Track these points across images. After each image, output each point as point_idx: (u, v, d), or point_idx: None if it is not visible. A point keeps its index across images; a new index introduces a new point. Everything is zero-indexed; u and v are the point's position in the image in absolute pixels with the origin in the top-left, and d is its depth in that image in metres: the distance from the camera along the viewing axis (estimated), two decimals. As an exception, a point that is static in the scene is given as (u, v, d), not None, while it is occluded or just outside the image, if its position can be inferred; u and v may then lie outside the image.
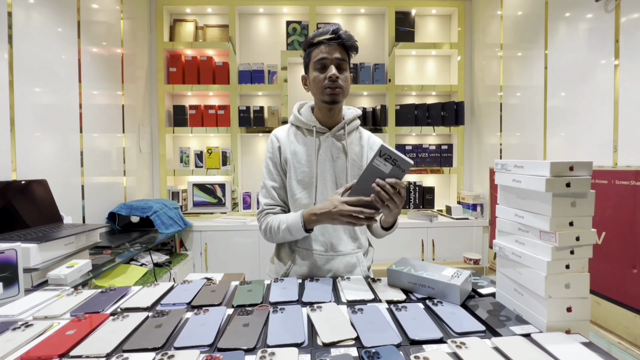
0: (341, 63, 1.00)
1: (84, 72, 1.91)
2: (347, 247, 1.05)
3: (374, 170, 0.83)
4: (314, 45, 1.01)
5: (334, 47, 0.99)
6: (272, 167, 1.08)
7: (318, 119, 1.07)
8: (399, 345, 0.66)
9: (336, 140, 1.06)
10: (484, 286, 0.95)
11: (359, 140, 1.10)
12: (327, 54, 0.98)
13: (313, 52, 1.01)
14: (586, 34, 1.66)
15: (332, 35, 0.98)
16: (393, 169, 0.83)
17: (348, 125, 1.06)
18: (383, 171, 0.83)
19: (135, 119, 2.51)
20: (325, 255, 1.03)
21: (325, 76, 0.99)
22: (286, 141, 1.08)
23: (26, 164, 1.51)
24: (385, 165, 0.83)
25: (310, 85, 1.05)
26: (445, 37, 2.97)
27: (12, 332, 0.72)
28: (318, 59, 0.99)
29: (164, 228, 2.15)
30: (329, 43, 0.98)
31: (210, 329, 0.72)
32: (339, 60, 0.99)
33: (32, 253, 1.10)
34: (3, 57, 1.42)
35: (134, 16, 2.50)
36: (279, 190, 1.08)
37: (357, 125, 1.11)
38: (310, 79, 1.04)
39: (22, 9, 1.51)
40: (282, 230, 1.00)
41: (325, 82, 0.99)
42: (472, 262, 2.40)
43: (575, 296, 0.70)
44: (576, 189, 0.68)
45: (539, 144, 1.99)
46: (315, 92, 1.04)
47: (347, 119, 1.07)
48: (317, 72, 1.01)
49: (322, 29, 1.00)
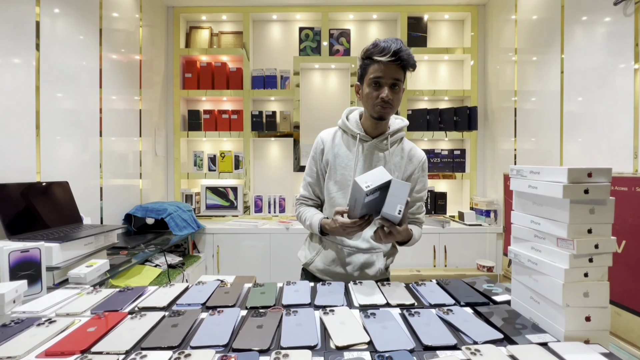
0: (396, 83, 0.99)
1: (105, 78, 1.99)
2: (366, 246, 1.11)
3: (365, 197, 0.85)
4: (372, 60, 1.00)
5: (392, 68, 0.98)
6: (312, 165, 1.18)
7: (364, 127, 1.10)
8: (412, 350, 0.65)
9: (378, 150, 1.10)
10: (498, 293, 0.94)
11: (401, 152, 1.12)
12: (383, 74, 0.98)
13: (370, 67, 1.01)
14: (604, 38, 1.63)
15: (392, 58, 0.96)
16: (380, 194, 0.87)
17: (392, 137, 1.10)
18: (374, 198, 0.87)
19: (152, 123, 2.58)
20: (348, 249, 1.11)
21: (378, 94, 1.00)
22: (330, 144, 1.14)
23: (49, 166, 1.57)
24: (375, 194, 0.86)
25: (362, 98, 1.06)
26: (458, 42, 2.96)
27: (37, 327, 0.75)
28: (374, 77, 0.99)
29: (177, 230, 2.19)
30: (387, 63, 0.97)
31: (225, 330, 0.73)
32: (394, 81, 0.99)
33: (54, 252, 1.14)
34: (31, 63, 1.49)
35: (152, 24, 2.58)
36: (314, 187, 1.18)
37: (401, 136, 1.13)
38: (364, 93, 1.05)
39: (49, 18, 1.59)
40: (306, 225, 1.14)
41: (377, 100, 1.00)
42: (486, 270, 2.35)
43: (595, 305, 0.69)
44: (595, 195, 0.67)
45: (555, 149, 1.95)
46: (366, 106, 1.06)
47: (392, 130, 1.10)
48: (370, 89, 1.01)
49: (384, 45, 0.97)
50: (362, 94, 1.06)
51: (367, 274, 1.11)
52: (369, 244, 1.11)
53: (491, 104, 2.73)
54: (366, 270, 1.11)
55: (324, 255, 1.13)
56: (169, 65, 2.82)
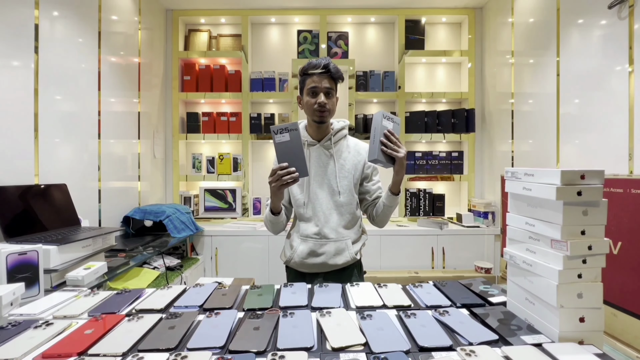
0: (329, 91, 1.19)
1: (103, 81, 1.99)
2: (335, 235, 1.22)
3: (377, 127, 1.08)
4: (307, 75, 1.20)
5: (323, 78, 1.18)
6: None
7: (310, 134, 1.28)
8: (407, 351, 0.66)
9: (325, 150, 1.26)
10: (494, 295, 0.94)
11: (347, 147, 1.28)
12: (318, 84, 1.18)
13: (307, 80, 1.20)
14: (599, 41, 1.65)
15: (323, 70, 1.17)
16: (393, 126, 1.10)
17: (334, 136, 1.26)
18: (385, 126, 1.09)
19: (150, 125, 2.58)
20: (319, 241, 1.22)
21: (315, 101, 1.18)
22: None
23: (47, 168, 1.58)
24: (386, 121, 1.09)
25: (304, 107, 1.24)
26: (455, 44, 2.97)
27: (34, 330, 0.75)
28: (310, 87, 1.19)
29: (176, 232, 2.19)
30: (319, 75, 1.17)
31: (221, 332, 0.73)
32: (327, 89, 1.18)
33: (52, 255, 1.15)
34: (30, 66, 1.49)
35: (151, 27, 2.59)
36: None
37: (344, 134, 1.29)
38: (304, 102, 1.23)
39: (48, 21, 1.59)
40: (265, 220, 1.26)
41: (315, 106, 1.18)
42: (484, 271, 2.36)
43: (588, 306, 0.69)
44: (588, 197, 0.68)
45: (552, 151, 1.97)
46: (308, 113, 1.24)
47: (334, 131, 1.27)
48: (309, 97, 1.20)
49: (315, 62, 1.18)
50: (303, 104, 1.24)
51: (340, 261, 1.21)
52: (337, 233, 1.22)
53: (489, 106, 2.74)
54: (338, 257, 1.21)
55: (300, 251, 1.24)
56: (168, 68, 2.82)
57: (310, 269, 1.24)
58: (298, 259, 1.24)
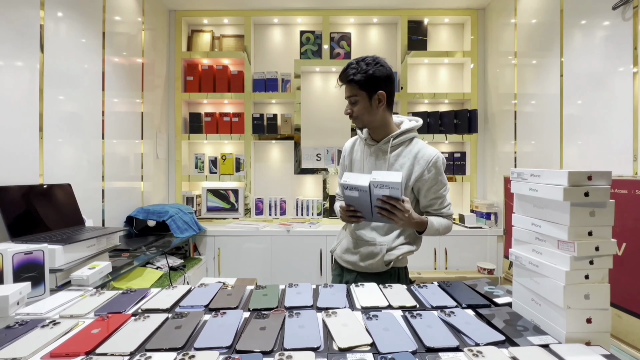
0: (351, 98, 1.16)
1: (107, 81, 2.00)
2: (370, 239, 1.22)
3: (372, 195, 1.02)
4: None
5: (345, 88, 1.17)
6: (340, 169, 1.39)
7: (370, 133, 1.25)
8: (414, 352, 0.66)
9: (382, 153, 1.21)
10: (499, 295, 0.94)
11: (409, 153, 1.18)
12: (345, 94, 1.18)
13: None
14: (603, 42, 1.64)
15: (340, 83, 1.17)
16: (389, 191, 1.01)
17: (395, 139, 1.18)
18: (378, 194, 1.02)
19: (153, 125, 2.59)
20: (356, 240, 1.24)
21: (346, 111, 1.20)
22: (349, 150, 1.33)
23: (52, 168, 1.58)
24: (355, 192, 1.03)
25: None
26: (458, 45, 2.97)
27: (41, 329, 0.75)
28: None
29: (179, 232, 2.19)
30: (343, 86, 1.18)
31: (228, 331, 0.73)
32: (349, 97, 1.16)
33: (57, 254, 1.15)
34: (35, 66, 1.50)
35: (154, 27, 2.60)
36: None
37: (408, 137, 1.20)
38: None
39: (53, 22, 1.60)
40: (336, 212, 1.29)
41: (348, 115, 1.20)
42: (487, 272, 2.35)
43: (595, 307, 0.69)
44: (595, 198, 0.68)
45: (555, 152, 1.96)
46: None
47: (396, 133, 1.19)
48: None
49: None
50: None
51: (371, 265, 1.19)
52: (372, 238, 1.20)
53: (491, 107, 2.74)
54: (370, 261, 1.19)
55: (342, 244, 1.29)
56: (171, 68, 2.83)
57: (346, 264, 1.27)
58: (339, 252, 1.30)
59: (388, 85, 1.14)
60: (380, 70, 1.12)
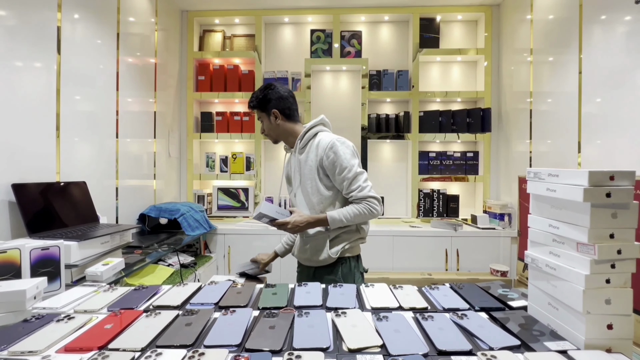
0: (259, 120, 1.36)
1: (121, 81, 2.03)
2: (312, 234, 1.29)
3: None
4: None
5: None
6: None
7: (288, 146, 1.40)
8: (426, 355, 0.64)
9: (298, 155, 1.34)
10: (514, 299, 0.92)
11: (312, 145, 1.31)
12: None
13: None
14: (624, 37, 1.58)
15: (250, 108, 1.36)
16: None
17: (301, 140, 1.32)
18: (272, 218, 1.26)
19: (166, 125, 2.63)
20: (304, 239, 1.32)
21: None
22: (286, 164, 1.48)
23: (68, 166, 1.62)
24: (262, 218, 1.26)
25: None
26: (471, 42, 2.92)
27: (56, 323, 0.77)
28: None
29: (190, 230, 2.22)
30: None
31: (237, 330, 0.74)
32: (258, 119, 1.37)
33: (72, 250, 1.18)
34: (52, 67, 1.54)
35: (167, 28, 2.64)
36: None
37: (312, 134, 1.32)
38: None
39: (69, 23, 1.63)
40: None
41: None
42: (500, 274, 2.31)
43: (617, 313, 0.66)
44: (617, 199, 0.65)
45: (572, 152, 1.90)
46: None
47: (300, 136, 1.33)
48: None
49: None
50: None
51: (318, 258, 1.26)
52: (313, 232, 1.28)
53: (505, 105, 2.68)
54: (317, 254, 1.26)
55: (297, 243, 1.39)
56: (183, 68, 2.87)
57: (301, 262, 1.37)
58: (296, 252, 1.39)
59: (280, 103, 1.31)
60: (271, 94, 1.31)
